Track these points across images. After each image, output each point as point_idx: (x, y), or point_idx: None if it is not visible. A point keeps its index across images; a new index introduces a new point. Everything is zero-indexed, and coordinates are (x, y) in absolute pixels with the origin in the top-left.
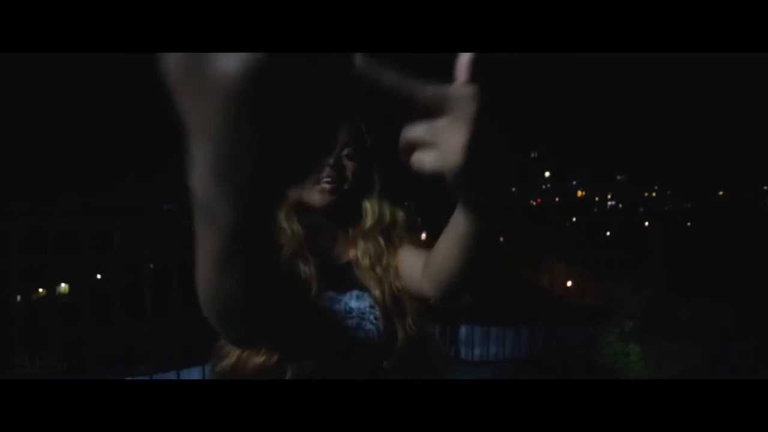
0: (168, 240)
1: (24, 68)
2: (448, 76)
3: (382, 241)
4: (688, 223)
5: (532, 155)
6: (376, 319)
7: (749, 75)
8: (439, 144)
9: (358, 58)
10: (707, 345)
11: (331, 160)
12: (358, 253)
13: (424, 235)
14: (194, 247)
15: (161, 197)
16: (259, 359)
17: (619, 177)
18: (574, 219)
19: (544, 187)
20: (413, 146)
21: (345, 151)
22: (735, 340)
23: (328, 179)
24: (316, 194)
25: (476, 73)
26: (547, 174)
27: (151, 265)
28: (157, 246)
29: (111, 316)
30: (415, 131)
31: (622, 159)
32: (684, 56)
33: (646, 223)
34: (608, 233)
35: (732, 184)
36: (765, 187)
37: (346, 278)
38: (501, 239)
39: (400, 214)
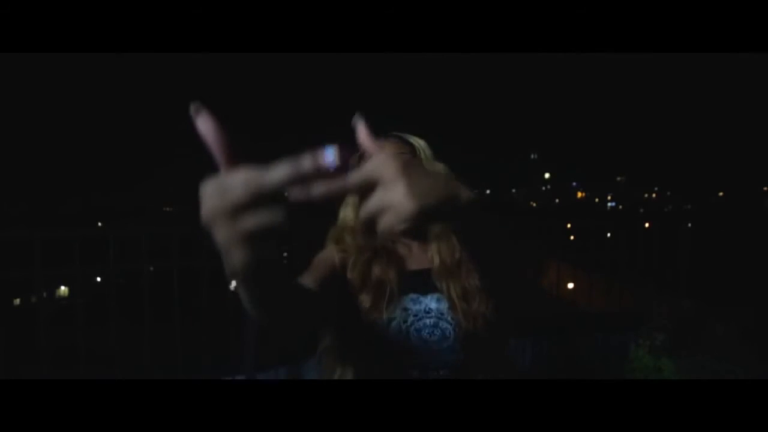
0: (168, 247)
1: (24, 68)
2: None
3: (455, 239)
4: (689, 224)
5: (532, 157)
6: (453, 319)
7: (749, 75)
8: (392, 203)
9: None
10: (747, 359)
11: None
12: (433, 254)
13: None
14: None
15: (161, 199)
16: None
17: (618, 178)
18: (572, 222)
19: (544, 188)
20: (374, 218)
21: None
22: None
23: None
24: None
25: (372, 145)
26: (546, 175)
27: (151, 268)
28: (156, 253)
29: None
30: (368, 208)
31: (622, 160)
32: (684, 56)
33: (647, 224)
34: (618, 236)
35: (732, 184)
36: (765, 188)
37: (428, 283)
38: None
39: None
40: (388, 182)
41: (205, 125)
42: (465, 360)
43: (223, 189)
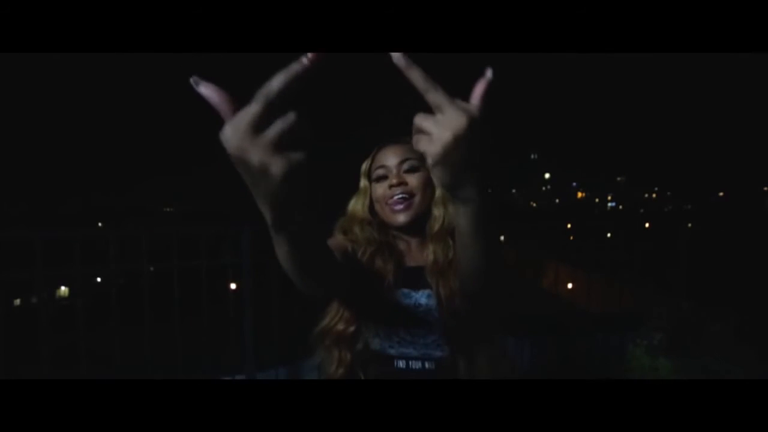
0: (168, 247)
1: (24, 68)
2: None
3: (451, 241)
4: (689, 224)
5: (532, 157)
6: (440, 315)
7: (749, 75)
8: (432, 133)
9: (401, 57)
10: (744, 359)
11: (394, 180)
12: (429, 254)
13: None
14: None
15: (162, 199)
16: (341, 326)
17: (619, 178)
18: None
19: (544, 188)
20: (417, 130)
21: (404, 167)
22: None
23: (398, 197)
24: (392, 215)
25: (481, 100)
26: (547, 175)
27: (151, 268)
28: (157, 255)
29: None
30: (420, 119)
31: (622, 160)
32: (684, 56)
33: (647, 225)
34: (614, 236)
35: (732, 184)
36: (765, 188)
37: (421, 279)
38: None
39: None
40: (448, 120)
41: (207, 90)
42: (450, 355)
43: (237, 121)
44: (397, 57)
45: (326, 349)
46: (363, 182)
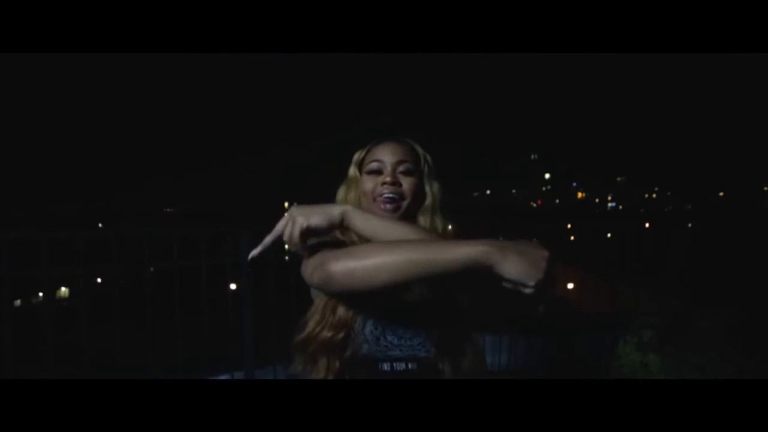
0: (169, 248)
1: (24, 68)
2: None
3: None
4: (689, 224)
5: (532, 157)
6: (428, 317)
7: (749, 75)
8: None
9: None
10: (733, 356)
11: (387, 178)
12: None
13: None
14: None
15: (162, 200)
16: (328, 333)
17: (619, 178)
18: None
19: (544, 189)
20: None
21: (400, 168)
22: (763, 352)
23: (387, 196)
24: (377, 212)
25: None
26: (547, 176)
27: (152, 268)
28: (158, 255)
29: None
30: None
31: (623, 160)
32: (684, 56)
33: (647, 225)
34: (615, 237)
35: (732, 184)
36: (765, 188)
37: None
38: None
39: (450, 228)
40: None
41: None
42: (434, 356)
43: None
44: None
45: (310, 357)
46: (353, 171)
